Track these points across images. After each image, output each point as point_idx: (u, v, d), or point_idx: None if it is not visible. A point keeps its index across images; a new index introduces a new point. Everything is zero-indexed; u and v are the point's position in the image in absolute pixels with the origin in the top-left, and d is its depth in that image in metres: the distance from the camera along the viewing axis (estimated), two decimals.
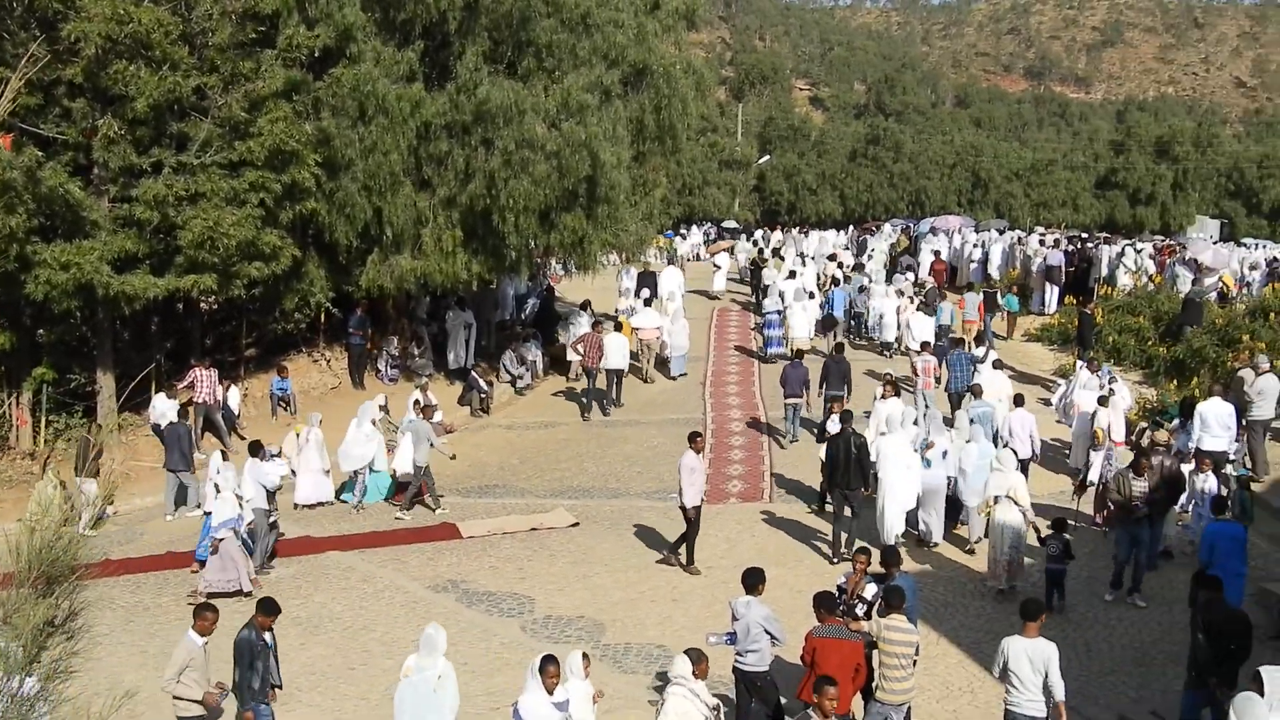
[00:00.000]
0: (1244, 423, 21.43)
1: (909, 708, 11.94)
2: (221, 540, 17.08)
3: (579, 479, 23.33)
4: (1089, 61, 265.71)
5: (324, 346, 28.81)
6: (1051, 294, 36.18)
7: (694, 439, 18.40)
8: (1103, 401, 21.58)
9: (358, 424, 21.86)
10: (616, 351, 28.01)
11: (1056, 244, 40.80)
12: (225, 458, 18.92)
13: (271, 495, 18.60)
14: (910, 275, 40.40)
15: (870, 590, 13.12)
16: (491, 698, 13.72)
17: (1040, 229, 61.18)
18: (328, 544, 19.49)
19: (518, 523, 20.41)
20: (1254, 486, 19.66)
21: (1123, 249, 41.31)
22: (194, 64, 22.73)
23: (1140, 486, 16.90)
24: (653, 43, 28.55)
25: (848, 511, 18.56)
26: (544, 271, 34.55)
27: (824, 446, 19.61)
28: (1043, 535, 17.01)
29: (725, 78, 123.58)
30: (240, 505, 17.65)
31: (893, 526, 18.34)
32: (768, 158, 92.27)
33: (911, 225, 61.78)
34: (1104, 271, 37.31)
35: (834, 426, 19.76)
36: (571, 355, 29.81)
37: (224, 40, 22.94)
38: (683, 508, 17.87)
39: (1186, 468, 19.09)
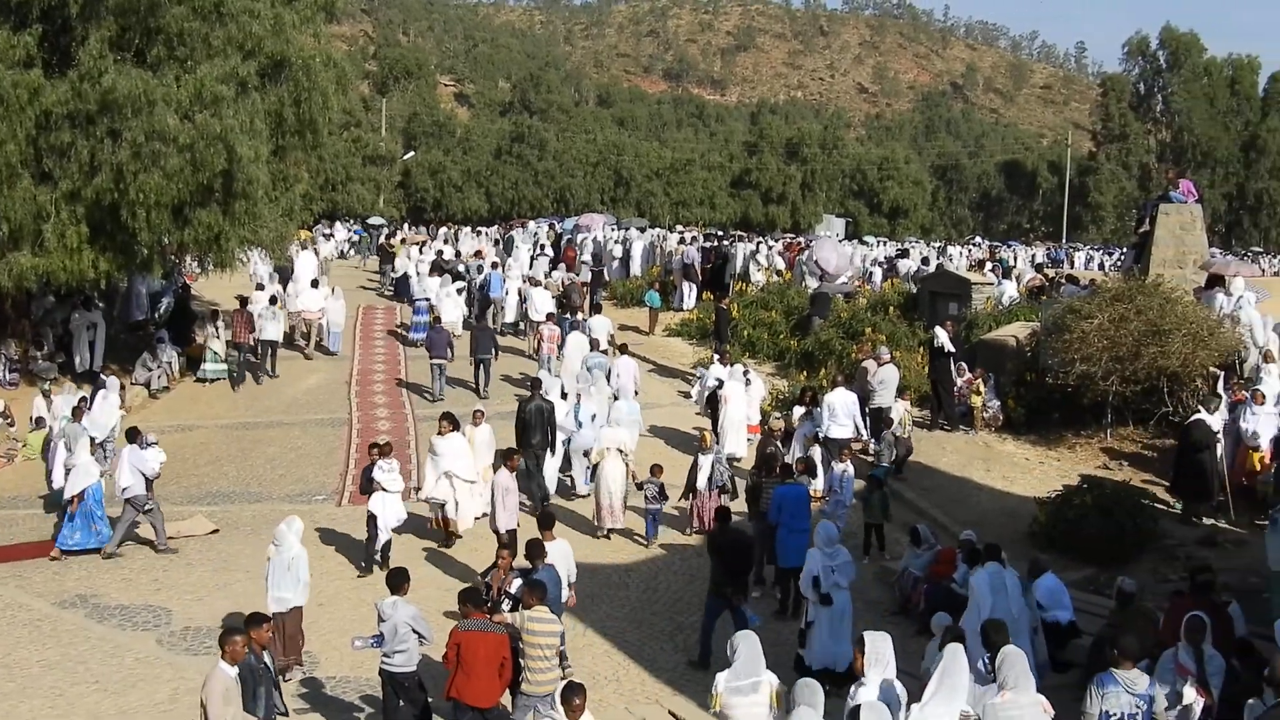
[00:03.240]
0: (866, 410, 22.73)
1: (555, 698, 12.08)
2: None
3: (219, 483, 22.53)
4: (724, 65, 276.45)
5: None
6: (690, 290, 37.29)
7: (510, 456, 17.87)
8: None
9: (104, 397, 22.59)
10: (272, 325, 29.80)
11: (694, 241, 42.19)
12: None
13: (150, 482, 18.85)
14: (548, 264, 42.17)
15: (515, 584, 13.21)
16: (124, 716, 13.07)
17: (679, 227, 63.14)
18: None
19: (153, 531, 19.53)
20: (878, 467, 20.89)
21: (756, 246, 43.14)
22: None
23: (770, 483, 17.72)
24: (291, 34, 27.74)
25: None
26: (179, 269, 33.16)
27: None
28: (640, 481, 19.57)
29: (368, 72, 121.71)
30: None
31: (548, 485, 20.70)
32: (413, 154, 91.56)
33: (557, 223, 62.67)
34: (739, 268, 38.82)
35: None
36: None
37: None
38: (495, 531, 17.13)
39: (816, 453, 20.22)
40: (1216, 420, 18.82)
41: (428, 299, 34.04)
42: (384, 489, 17.62)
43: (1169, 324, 21.40)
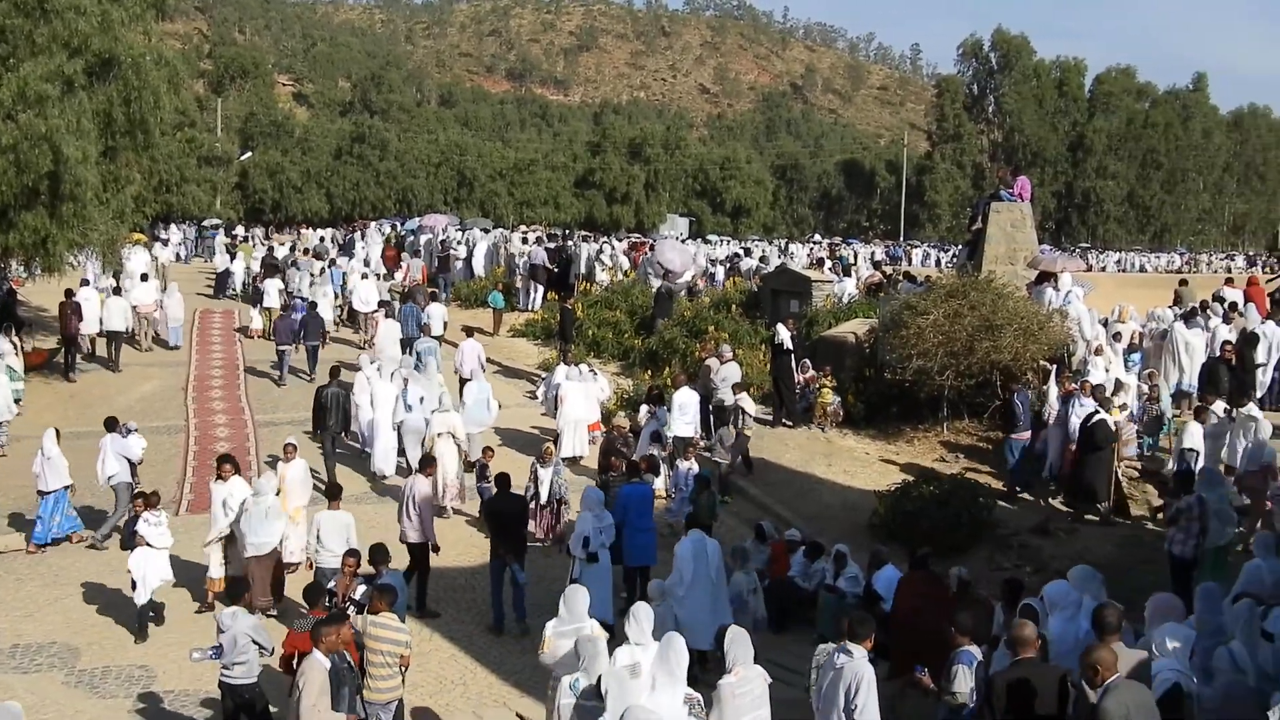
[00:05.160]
0: (710, 408, 22.91)
1: (399, 705, 11.94)
2: None
3: None
4: (566, 65, 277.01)
5: None
6: (536, 291, 37.23)
7: (427, 465, 17.56)
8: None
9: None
10: (116, 314, 30.05)
11: (539, 242, 42.16)
12: None
13: (134, 468, 19.33)
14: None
15: (360, 591, 13.06)
16: None
17: (523, 227, 63.04)
18: None
19: None
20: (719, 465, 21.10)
21: (600, 246, 43.24)
22: None
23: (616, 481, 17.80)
24: (119, 31, 26.93)
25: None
26: (4, 274, 32.04)
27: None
28: (471, 462, 20.82)
29: (203, 71, 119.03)
30: None
31: (383, 464, 22.08)
32: (250, 154, 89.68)
33: (399, 224, 62.09)
34: (583, 268, 38.87)
35: None
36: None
37: None
38: (413, 543, 16.43)
39: (658, 450, 20.37)
40: (1111, 420, 19.15)
41: (304, 297, 34.22)
42: (148, 544, 15.64)
43: (1001, 319, 21.98)
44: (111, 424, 19.57)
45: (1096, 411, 18.90)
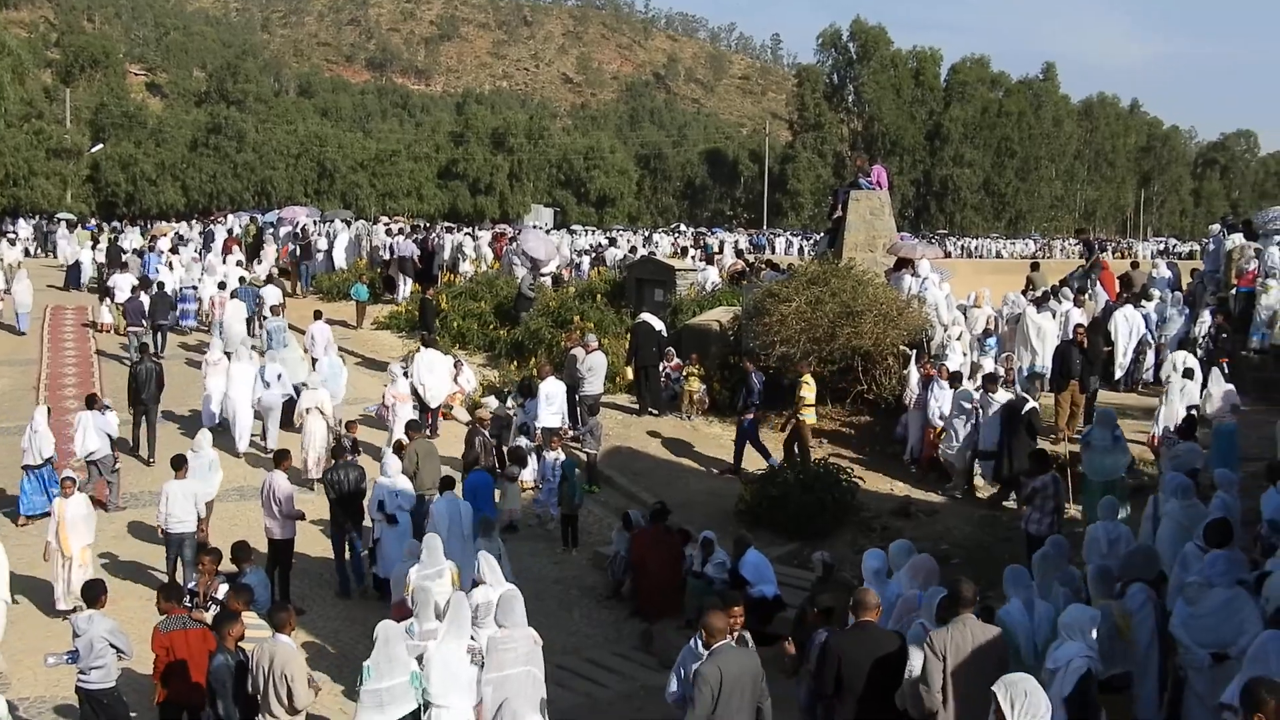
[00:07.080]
0: (578, 398, 22.90)
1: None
2: None
3: None
4: (428, 55, 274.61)
5: None
6: (405, 284, 36.82)
7: (282, 459, 16.99)
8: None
9: None
10: None
11: (403, 233, 41.77)
12: None
13: (114, 443, 20.00)
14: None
15: (222, 590, 12.82)
16: None
17: (385, 219, 62.41)
18: None
19: None
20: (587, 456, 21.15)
21: (462, 238, 43.00)
22: None
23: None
24: None
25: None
26: None
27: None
28: (337, 435, 20.77)
29: (51, 60, 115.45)
30: None
31: (241, 439, 22.76)
32: (101, 146, 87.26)
33: (259, 216, 61.14)
34: (447, 259, 38.60)
35: None
36: None
37: None
38: (277, 539, 16.28)
39: (526, 441, 20.37)
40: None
41: (194, 287, 35.01)
42: None
43: (861, 305, 22.31)
44: (91, 401, 20.33)
45: (1025, 399, 19.12)
